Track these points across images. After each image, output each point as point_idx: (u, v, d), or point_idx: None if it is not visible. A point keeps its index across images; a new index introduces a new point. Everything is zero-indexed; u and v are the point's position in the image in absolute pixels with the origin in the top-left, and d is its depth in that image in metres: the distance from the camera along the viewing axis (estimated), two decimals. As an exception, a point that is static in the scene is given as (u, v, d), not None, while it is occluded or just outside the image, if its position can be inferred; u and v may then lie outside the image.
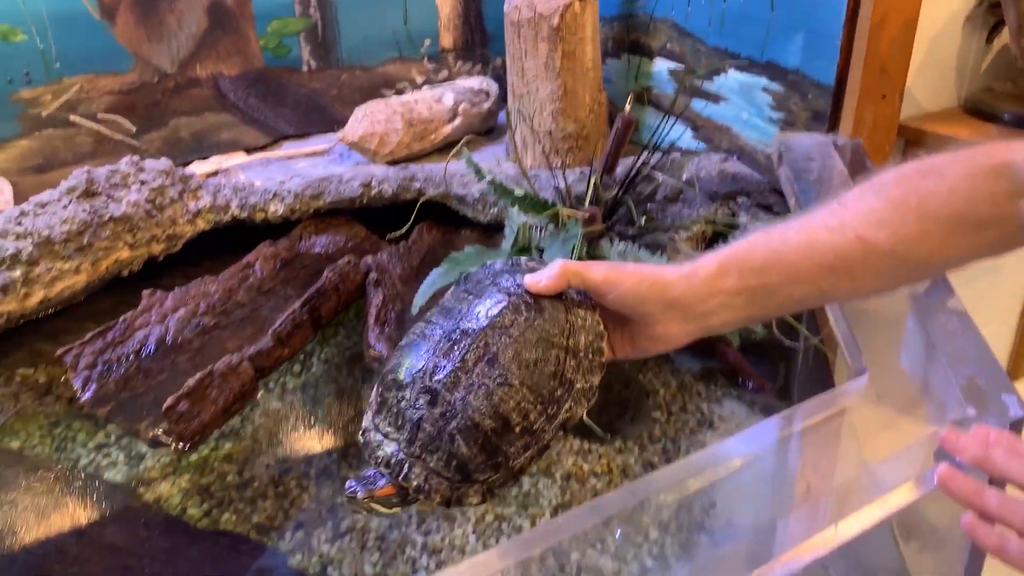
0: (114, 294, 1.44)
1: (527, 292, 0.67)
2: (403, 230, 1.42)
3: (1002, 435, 0.60)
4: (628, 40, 1.67)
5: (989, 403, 0.67)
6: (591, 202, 1.21)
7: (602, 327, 0.69)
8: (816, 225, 0.68)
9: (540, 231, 1.26)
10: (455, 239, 1.65)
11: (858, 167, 1.23)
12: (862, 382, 0.70)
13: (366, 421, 0.67)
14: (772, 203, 1.44)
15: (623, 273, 0.68)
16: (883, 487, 0.62)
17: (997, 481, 0.61)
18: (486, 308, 0.66)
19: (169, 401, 1.06)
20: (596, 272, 0.68)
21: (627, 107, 1.24)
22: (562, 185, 1.36)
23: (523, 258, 0.74)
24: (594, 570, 0.70)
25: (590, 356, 0.67)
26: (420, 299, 1.17)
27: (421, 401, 0.63)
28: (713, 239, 1.40)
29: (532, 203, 1.21)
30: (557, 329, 0.66)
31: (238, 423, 1.17)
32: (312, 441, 1.19)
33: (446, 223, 1.67)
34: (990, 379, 0.68)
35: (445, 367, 0.63)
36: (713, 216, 1.41)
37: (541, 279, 0.68)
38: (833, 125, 1.35)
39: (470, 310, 0.67)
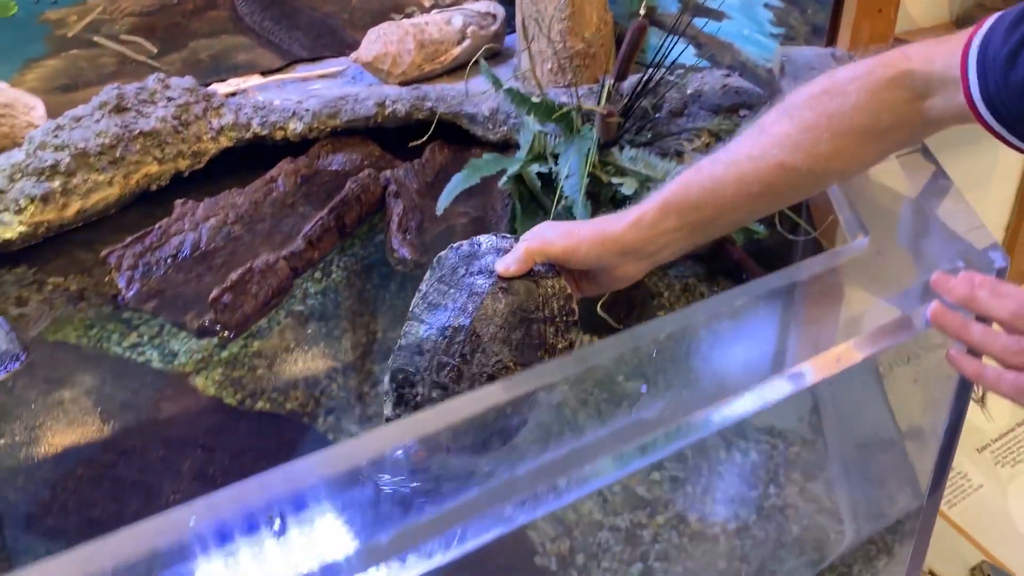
0: (142, 208, 1.51)
1: (499, 277, 0.76)
2: (422, 140, 1.48)
3: (986, 279, 0.69)
4: (633, -39, 1.72)
5: (976, 257, 0.75)
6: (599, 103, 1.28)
7: (568, 289, 0.78)
8: (741, 157, 0.77)
9: (554, 139, 1.33)
10: (466, 157, 1.71)
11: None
12: (862, 243, 0.78)
13: (387, 411, 0.77)
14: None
15: (578, 239, 0.77)
16: (878, 326, 0.70)
17: (981, 319, 0.70)
18: (469, 302, 0.74)
19: (214, 293, 1.13)
20: (555, 247, 0.77)
21: (641, 10, 1.30)
22: (574, 98, 1.42)
23: (483, 237, 0.81)
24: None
25: (564, 317, 0.77)
26: (444, 201, 1.25)
27: (435, 394, 0.73)
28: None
29: (548, 109, 1.27)
30: (532, 304, 0.75)
31: (265, 323, 1.24)
32: (337, 339, 1.27)
33: (456, 143, 1.73)
34: (976, 237, 0.77)
35: (448, 363, 0.72)
36: (717, 127, 1.48)
37: (510, 264, 0.76)
38: (832, 39, 1.41)
39: (455, 306, 0.75)
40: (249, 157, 1.62)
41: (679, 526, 0.99)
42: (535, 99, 1.27)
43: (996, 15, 0.69)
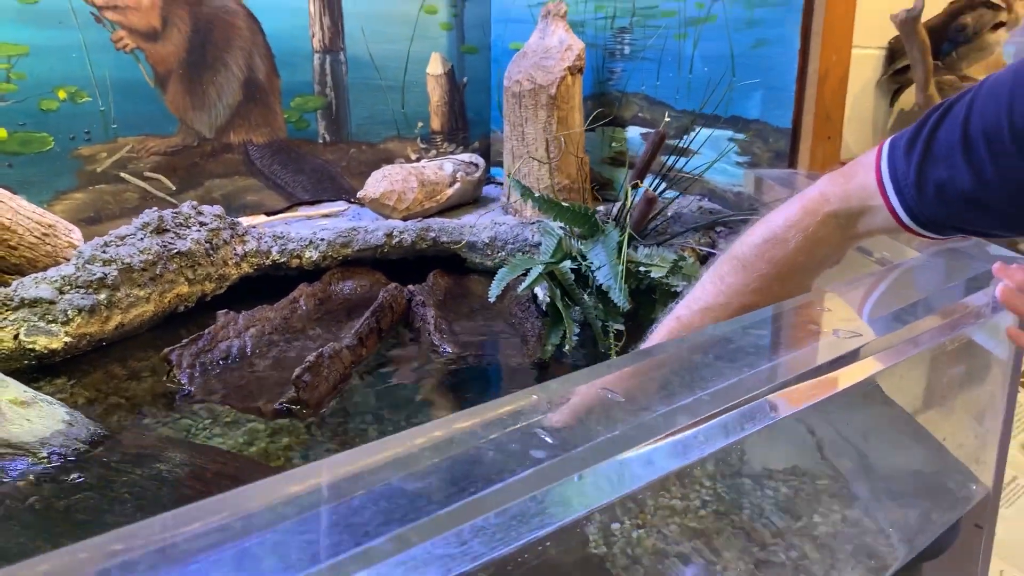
0: (168, 329, 1.54)
1: None
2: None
3: None
4: (603, 113, 1.99)
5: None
6: (620, 208, 1.46)
7: None
8: (710, 304, 0.96)
9: (577, 241, 1.49)
10: (465, 282, 1.85)
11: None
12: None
13: None
14: (742, 230, 1.73)
15: None
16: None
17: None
18: None
19: (297, 372, 1.19)
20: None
21: (663, 124, 1.52)
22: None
23: None
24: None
25: None
26: (496, 289, 1.37)
27: None
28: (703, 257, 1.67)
29: (576, 214, 1.44)
30: None
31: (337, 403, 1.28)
32: (395, 413, 1.30)
33: (452, 272, 1.87)
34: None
35: None
36: (698, 241, 1.69)
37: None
38: (792, 163, 1.68)
39: None
40: (261, 287, 1.69)
41: (743, 557, 1.07)
42: (565, 204, 1.44)
43: (887, 143, 0.87)
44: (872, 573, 1.05)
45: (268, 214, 1.88)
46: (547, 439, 0.53)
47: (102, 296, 1.38)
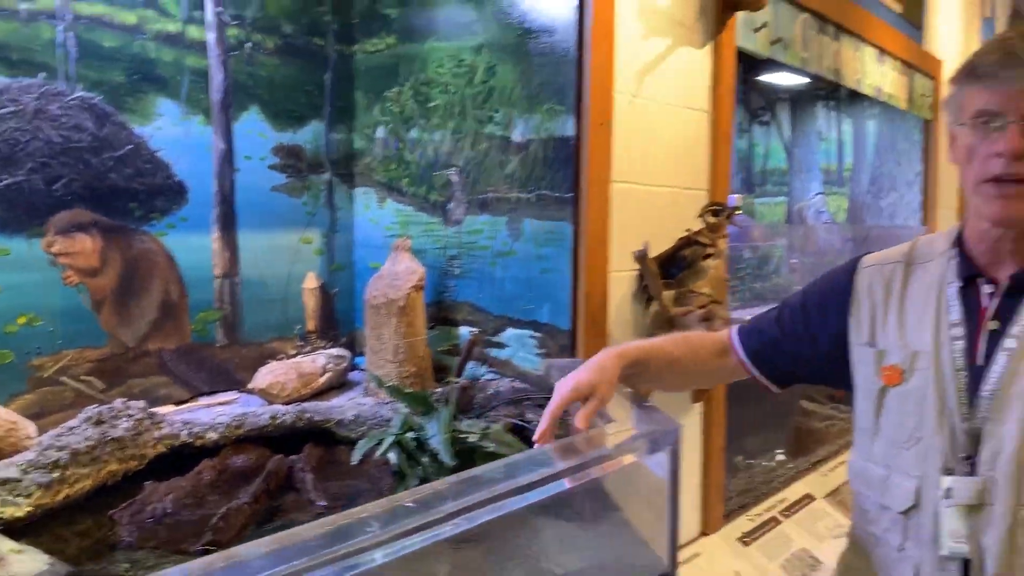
0: (99, 499, 1.98)
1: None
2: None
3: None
4: (441, 317, 2.61)
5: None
6: (449, 392, 2.06)
7: None
8: (676, 346, 1.73)
9: (419, 416, 2.06)
10: (335, 452, 2.36)
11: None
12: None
13: None
14: (544, 403, 2.35)
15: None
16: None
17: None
18: None
19: (212, 521, 1.67)
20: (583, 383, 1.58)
21: (474, 332, 2.14)
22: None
23: None
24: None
25: None
26: (357, 454, 1.91)
27: None
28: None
29: (416, 398, 2.02)
30: None
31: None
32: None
33: (323, 444, 2.38)
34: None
35: None
36: (509, 413, 2.29)
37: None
38: (573, 354, 2.33)
39: None
40: (174, 462, 2.16)
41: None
42: (408, 391, 2.02)
43: (734, 332, 1.70)
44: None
45: (177, 403, 2.36)
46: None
47: (56, 474, 1.83)
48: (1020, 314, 1.36)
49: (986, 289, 1.42)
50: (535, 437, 1.51)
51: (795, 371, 1.70)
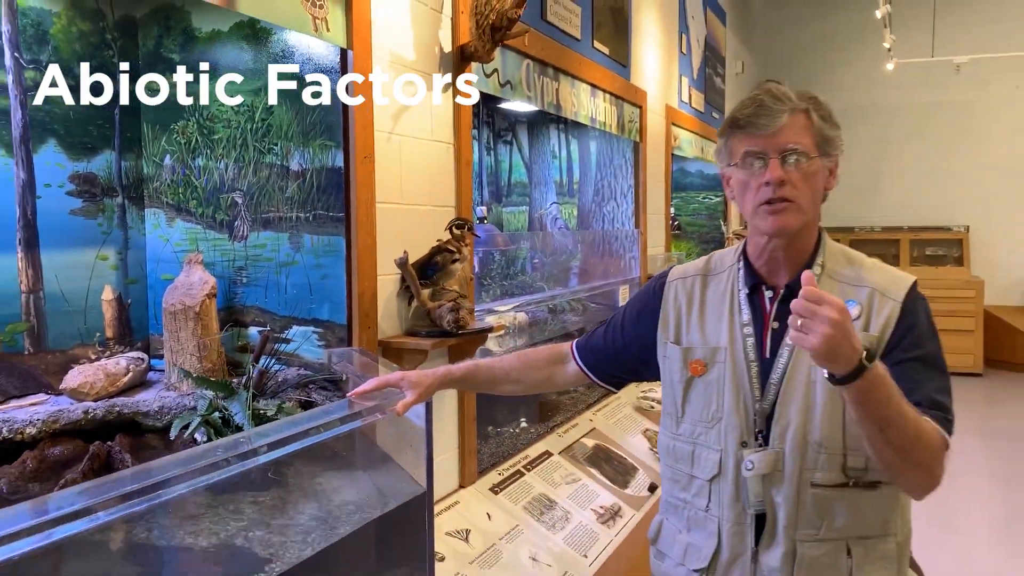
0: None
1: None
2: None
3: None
4: (233, 320, 3.03)
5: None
6: (247, 379, 2.51)
7: None
8: (505, 364, 2.17)
9: (222, 400, 2.50)
10: (145, 439, 2.72)
11: (366, 357, 2.73)
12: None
13: None
14: (327, 386, 2.86)
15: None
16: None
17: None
18: None
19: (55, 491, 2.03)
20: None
21: (264, 330, 2.59)
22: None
23: None
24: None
25: None
26: (174, 432, 2.32)
27: None
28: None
29: (219, 384, 2.46)
30: None
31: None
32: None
33: (134, 433, 2.73)
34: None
35: None
36: (297, 394, 2.77)
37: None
38: (349, 344, 2.85)
39: None
40: (-7, 457, 2.44)
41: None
42: (213, 379, 2.45)
43: (574, 346, 2.11)
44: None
45: (-13, 408, 2.62)
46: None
47: None
48: None
49: (768, 295, 1.70)
50: (351, 393, 2.01)
51: (623, 376, 2.04)
